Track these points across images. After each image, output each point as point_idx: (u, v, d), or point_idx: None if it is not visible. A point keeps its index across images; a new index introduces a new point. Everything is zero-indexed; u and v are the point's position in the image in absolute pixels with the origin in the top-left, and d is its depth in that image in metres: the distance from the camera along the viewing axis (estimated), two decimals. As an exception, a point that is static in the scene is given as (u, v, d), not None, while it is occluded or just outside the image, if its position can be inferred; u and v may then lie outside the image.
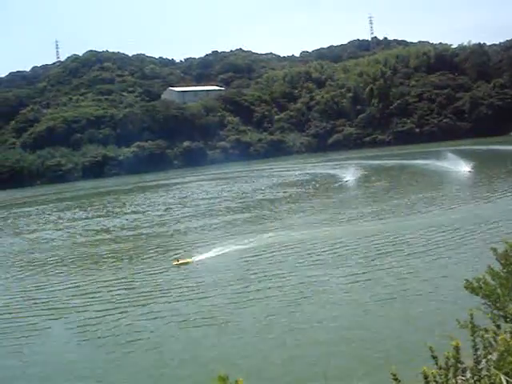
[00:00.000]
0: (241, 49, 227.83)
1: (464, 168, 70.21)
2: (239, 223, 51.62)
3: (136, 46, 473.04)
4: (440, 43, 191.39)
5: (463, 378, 5.47)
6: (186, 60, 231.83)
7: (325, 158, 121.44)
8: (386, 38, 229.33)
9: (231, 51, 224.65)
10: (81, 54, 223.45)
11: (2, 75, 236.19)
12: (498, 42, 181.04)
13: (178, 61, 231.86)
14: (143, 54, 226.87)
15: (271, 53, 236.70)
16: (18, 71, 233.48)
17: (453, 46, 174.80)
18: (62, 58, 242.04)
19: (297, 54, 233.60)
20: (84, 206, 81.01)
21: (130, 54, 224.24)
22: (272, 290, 29.21)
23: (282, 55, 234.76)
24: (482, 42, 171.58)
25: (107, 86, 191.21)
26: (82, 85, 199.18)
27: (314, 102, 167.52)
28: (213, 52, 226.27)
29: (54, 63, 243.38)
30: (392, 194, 59.93)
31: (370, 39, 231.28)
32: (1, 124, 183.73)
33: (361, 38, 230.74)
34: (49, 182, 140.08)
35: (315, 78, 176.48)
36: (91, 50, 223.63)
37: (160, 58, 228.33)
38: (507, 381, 4.30)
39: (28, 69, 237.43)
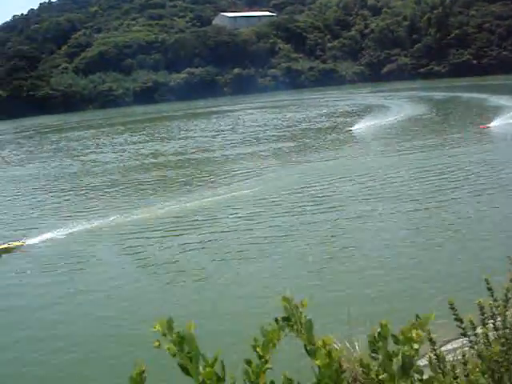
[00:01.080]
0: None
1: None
2: (285, 152, 51.50)
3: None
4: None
5: (521, 309, 5.37)
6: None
7: (377, 89, 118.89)
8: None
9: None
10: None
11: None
12: None
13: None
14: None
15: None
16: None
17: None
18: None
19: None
20: (135, 130, 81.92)
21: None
22: (319, 222, 29.20)
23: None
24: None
25: (158, 11, 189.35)
26: (133, 9, 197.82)
27: (368, 30, 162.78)
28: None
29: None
30: (443, 128, 58.57)
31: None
32: (53, 48, 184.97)
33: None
34: (100, 107, 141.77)
35: (371, 5, 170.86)
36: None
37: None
38: None
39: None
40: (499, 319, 5.65)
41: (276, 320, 2.32)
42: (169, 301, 20.89)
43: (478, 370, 4.10)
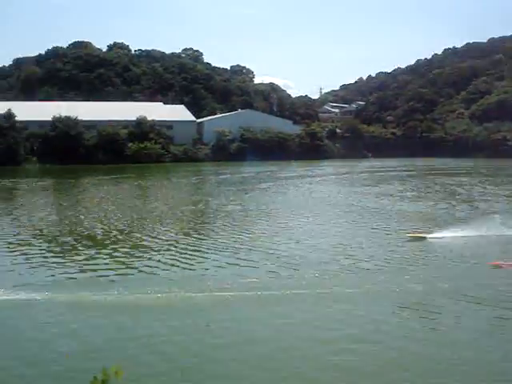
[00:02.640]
0: None
1: None
2: None
3: None
4: None
5: None
6: None
7: None
8: None
9: None
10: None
11: (459, 45, 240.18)
12: None
13: None
14: None
15: None
16: (474, 42, 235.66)
17: None
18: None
19: None
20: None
21: None
22: None
23: None
24: None
25: None
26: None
27: None
28: None
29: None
30: None
31: None
32: (452, 93, 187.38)
33: None
34: (490, 156, 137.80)
35: None
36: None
37: None
38: None
39: (485, 40, 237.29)
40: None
41: None
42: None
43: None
